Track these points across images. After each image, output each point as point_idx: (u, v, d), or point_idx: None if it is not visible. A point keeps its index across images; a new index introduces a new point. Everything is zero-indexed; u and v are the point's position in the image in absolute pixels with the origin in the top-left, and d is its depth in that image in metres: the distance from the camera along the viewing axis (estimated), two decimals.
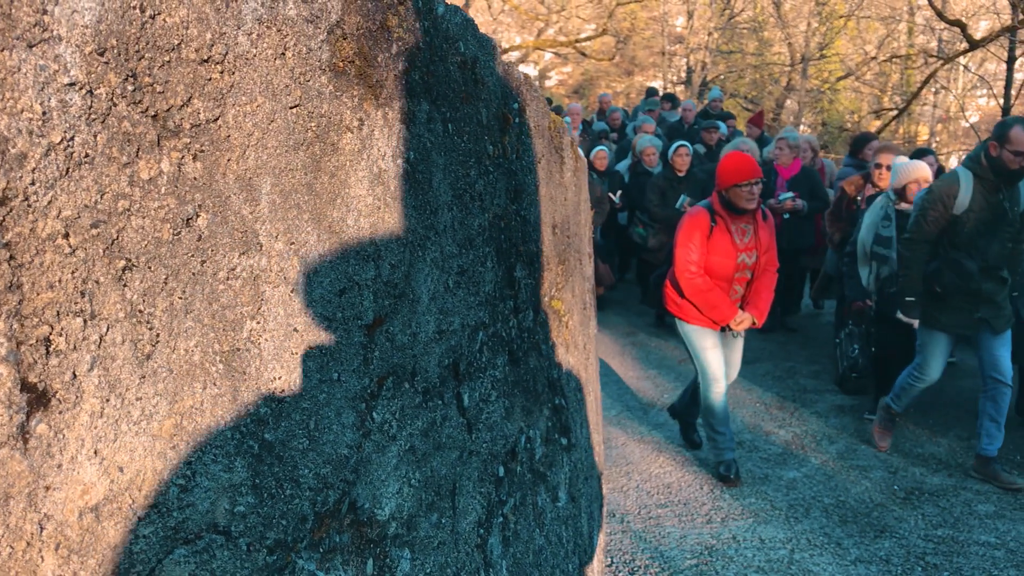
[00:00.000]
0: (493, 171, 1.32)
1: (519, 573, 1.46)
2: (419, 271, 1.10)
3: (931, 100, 23.67)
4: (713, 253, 5.06)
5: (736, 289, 5.22)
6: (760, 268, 5.17)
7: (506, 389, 1.41)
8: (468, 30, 1.24)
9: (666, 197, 8.40)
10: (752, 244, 5.10)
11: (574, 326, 1.92)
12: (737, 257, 5.08)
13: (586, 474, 2.10)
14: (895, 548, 4.72)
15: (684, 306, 5.30)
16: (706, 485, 5.58)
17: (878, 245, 6.10)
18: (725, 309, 5.16)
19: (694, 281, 5.12)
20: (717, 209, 5.04)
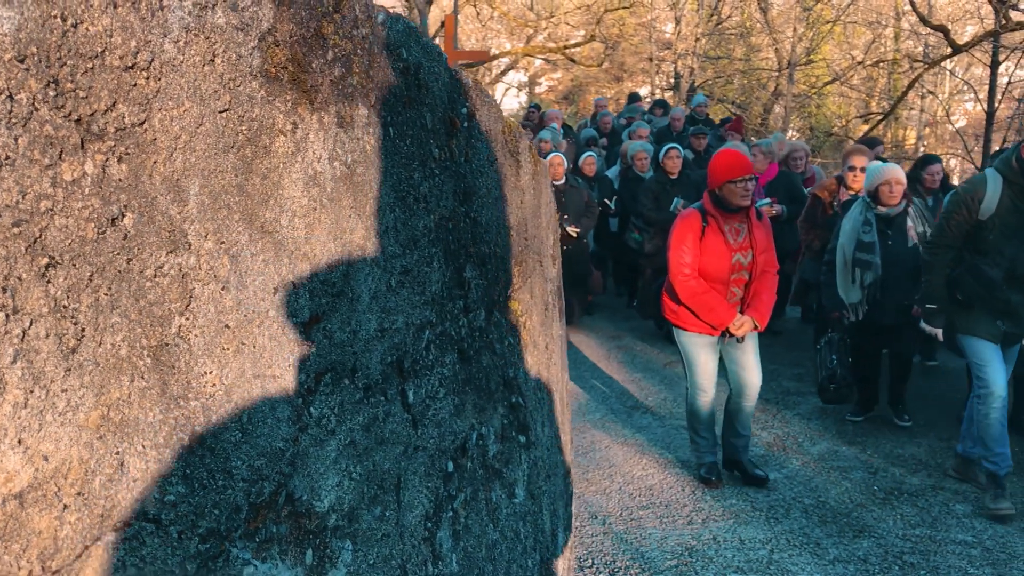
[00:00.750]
0: (439, 174, 1.36)
1: (471, 566, 1.50)
2: (359, 270, 1.14)
3: (918, 104, 23.81)
4: (706, 254, 4.95)
5: (734, 291, 5.09)
6: (758, 269, 5.03)
7: (456, 387, 1.44)
8: (411, 37, 1.28)
9: (660, 201, 8.34)
10: (747, 243, 4.98)
11: (533, 326, 1.95)
12: (731, 257, 4.95)
13: (549, 472, 2.14)
14: (873, 548, 4.76)
15: (681, 313, 5.17)
16: (688, 487, 5.62)
17: (861, 251, 5.99)
18: (722, 312, 5.02)
19: (688, 283, 5.00)
20: (709, 209, 4.95)
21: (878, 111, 18.17)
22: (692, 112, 13.48)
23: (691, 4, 23.01)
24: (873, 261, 5.93)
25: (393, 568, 1.25)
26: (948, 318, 5.16)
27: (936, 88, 24.37)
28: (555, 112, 14.16)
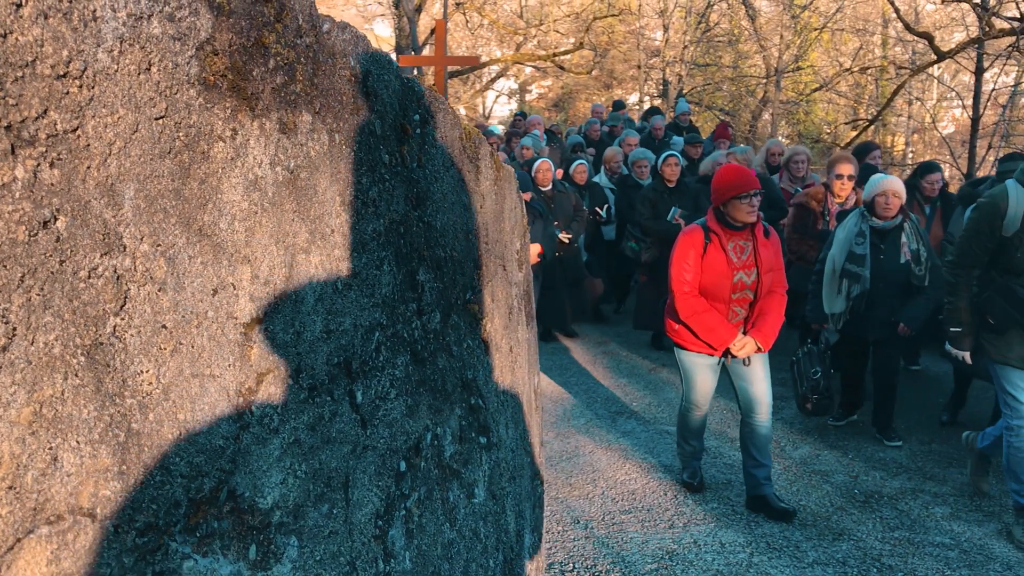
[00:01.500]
0: (390, 179, 1.39)
1: (425, 564, 1.52)
2: (302, 273, 1.17)
3: (906, 111, 23.95)
4: (708, 272, 4.82)
5: (736, 311, 4.93)
6: (763, 288, 4.86)
7: (409, 388, 1.47)
8: (359, 46, 1.31)
9: (657, 209, 8.27)
10: (751, 262, 4.83)
11: (495, 329, 1.98)
12: (733, 276, 4.80)
13: (513, 474, 2.17)
14: (852, 550, 4.80)
15: (681, 331, 5.04)
16: (670, 491, 5.66)
17: (851, 263, 5.90)
18: (723, 332, 4.86)
19: (688, 301, 4.86)
20: (712, 226, 4.81)
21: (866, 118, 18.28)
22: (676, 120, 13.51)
23: (679, 12, 23.13)
24: (862, 274, 5.85)
25: (342, 564, 1.28)
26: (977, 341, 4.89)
27: (924, 95, 24.53)
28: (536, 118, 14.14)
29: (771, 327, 4.93)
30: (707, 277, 4.83)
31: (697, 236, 4.86)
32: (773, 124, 19.05)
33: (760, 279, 4.83)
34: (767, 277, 4.86)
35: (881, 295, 5.87)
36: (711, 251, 4.80)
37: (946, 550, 4.80)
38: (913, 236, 5.86)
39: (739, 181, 4.69)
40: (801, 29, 20.46)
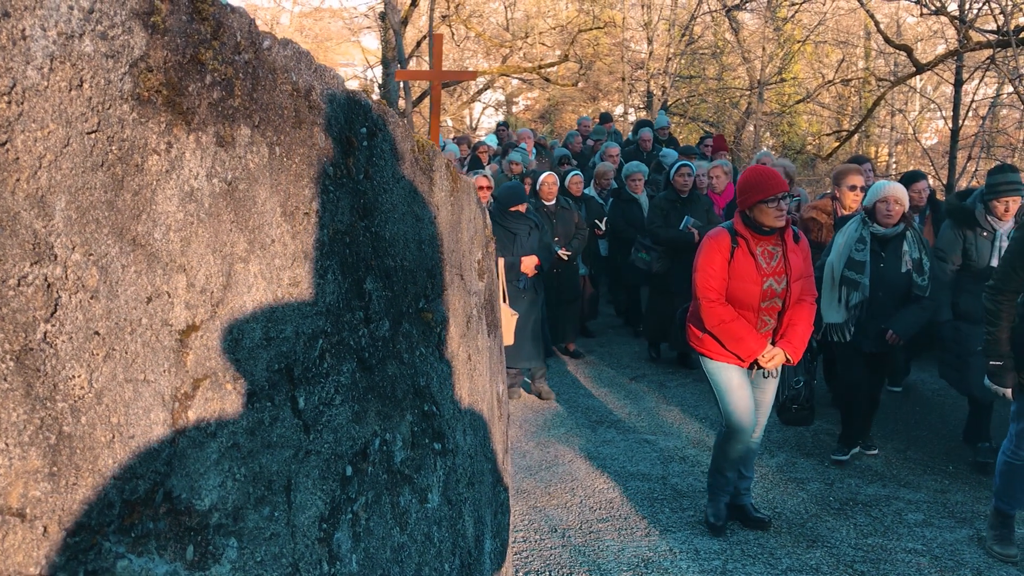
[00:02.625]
0: (334, 190, 1.43)
1: (373, 567, 1.56)
2: (241, 282, 1.21)
3: (889, 122, 24.14)
4: (736, 278, 4.54)
5: (766, 320, 4.67)
6: (793, 297, 4.60)
7: (356, 394, 1.51)
8: (302, 62, 1.35)
9: (669, 219, 8.22)
10: (780, 268, 4.57)
11: (451, 337, 2.02)
12: (763, 283, 4.53)
13: (472, 479, 2.20)
14: (825, 557, 4.85)
15: (707, 340, 4.75)
16: (647, 499, 5.70)
17: (850, 269, 5.73)
18: (751, 342, 4.57)
19: (715, 309, 4.58)
20: (739, 230, 4.55)
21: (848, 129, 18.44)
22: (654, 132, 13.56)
23: (663, 24, 23.30)
24: (861, 281, 5.71)
25: (284, 566, 1.31)
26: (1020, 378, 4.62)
27: (906, 106, 24.75)
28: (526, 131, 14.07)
29: (801, 338, 4.69)
30: (735, 284, 4.57)
31: (724, 240, 4.59)
32: (756, 136, 19.20)
33: (790, 287, 4.59)
34: (797, 285, 4.61)
35: (880, 305, 5.72)
36: (739, 256, 4.55)
37: (918, 556, 4.85)
38: (915, 245, 5.72)
39: (765, 183, 4.43)
40: (784, 41, 20.64)
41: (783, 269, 4.57)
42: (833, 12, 21.69)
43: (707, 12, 21.93)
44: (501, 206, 7.29)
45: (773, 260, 4.57)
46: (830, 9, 19.95)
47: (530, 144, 13.33)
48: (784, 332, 4.67)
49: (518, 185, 7.69)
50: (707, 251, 4.62)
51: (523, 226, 7.36)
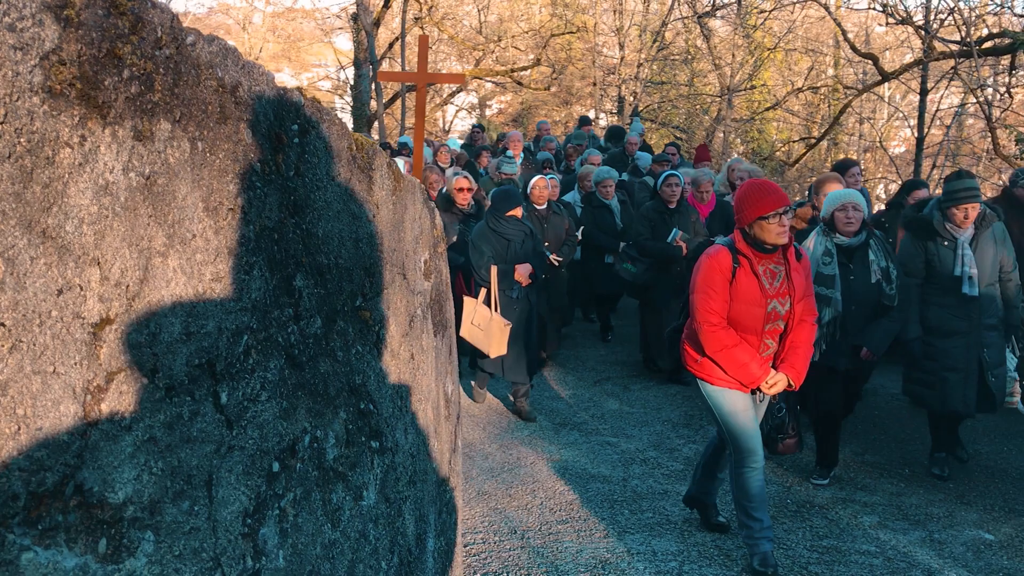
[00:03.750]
0: (262, 186, 1.44)
1: (302, 563, 1.56)
2: (159, 276, 1.21)
3: (857, 130, 24.43)
4: (738, 300, 4.26)
5: (767, 343, 4.41)
6: (795, 318, 4.35)
7: (284, 391, 1.51)
8: (228, 58, 1.36)
9: (656, 230, 8.03)
10: (784, 289, 4.31)
11: (391, 337, 2.03)
12: (767, 304, 4.26)
13: (414, 478, 2.21)
14: (781, 558, 4.90)
15: (706, 364, 4.48)
16: (606, 501, 5.73)
17: (819, 285, 5.43)
18: (755, 368, 4.31)
19: (716, 334, 4.29)
20: (741, 248, 4.27)
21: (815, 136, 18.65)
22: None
23: (635, 30, 23.43)
24: (833, 296, 5.49)
25: (204, 560, 1.32)
26: None
27: (874, 115, 25.06)
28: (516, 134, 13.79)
29: (803, 362, 4.45)
30: (737, 306, 4.28)
31: (724, 259, 4.29)
32: (725, 142, 19.36)
33: (793, 308, 4.34)
34: (799, 306, 4.37)
35: (854, 319, 5.50)
36: (741, 276, 4.26)
37: (871, 558, 4.91)
38: (881, 253, 5.56)
39: (764, 199, 4.15)
40: (754, 49, 20.83)
41: (787, 290, 4.32)
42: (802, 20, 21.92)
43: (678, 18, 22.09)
44: (496, 211, 7.05)
45: (776, 280, 4.32)
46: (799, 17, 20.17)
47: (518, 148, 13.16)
48: (786, 356, 4.44)
49: (513, 189, 7.51)
50: (706, 271, 4.32)
51: (518, 232, 7.12)
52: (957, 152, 22.55)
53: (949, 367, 5.64)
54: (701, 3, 21.50)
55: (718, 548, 5.03)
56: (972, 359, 5.64)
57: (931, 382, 5.76)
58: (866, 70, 22.26)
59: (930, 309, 5.75)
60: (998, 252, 5.68)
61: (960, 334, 5.65)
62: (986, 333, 5.67)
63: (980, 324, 5.65)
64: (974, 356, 5.64)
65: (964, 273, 5.57)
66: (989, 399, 5.74)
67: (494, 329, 6.90)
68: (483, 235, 7.06)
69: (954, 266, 5.62)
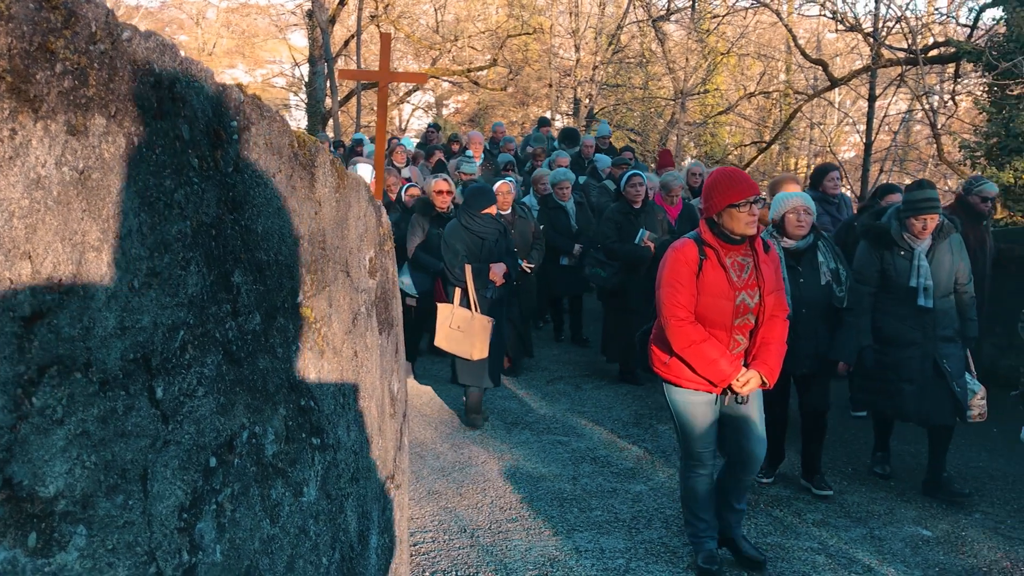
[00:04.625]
0: (199, 182, 1.45)
1: (239, 557, 1.57)
2: (93, 271, 1.21)
3: (808, 135, 24.84)
4: (705, 293, 4.13)
5: (737, 340, 4.26)
6: (766, 312, 4.21)
7: (222, 387, 1.52)
8: (166, 54, 1.36)
9: (623, 232, 7.89)
10: (753, 281, 4.18)
11: (333, 334, 2.04)
12: (735, 297, 4.14)
13: (356, 475, 2.22)
14: (726, 555, 4.97)
15: (673, 365, 4.32)
16: (556, 500, 5.77)
17: None
18: (725, 365, 4.15)
19: (683, 329, 4.14)
20: (707, 239, 4.15)
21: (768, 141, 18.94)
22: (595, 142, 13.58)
23: (591, 32, 23.58)
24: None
25: (139, 555, 1.32)
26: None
27: (825, 120, 25.50)
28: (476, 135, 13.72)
29: (776, 359, 4.29)
30: (705, 300, 4.15)
31: (690, 251, 4.18)
32: (678, 145, 19.58)
33: (763, 301, 4.20)
34: (770, 299, 4.24)
35: (806, 323, 5.38)
36: (707, 269, 4.14)
37: (814, 555, 5.01)
38: (830, 255, 5.49)
39: (736, 185, 4.04)
40: (708, 53, 21.08)
41: (755, 282, 4.20)
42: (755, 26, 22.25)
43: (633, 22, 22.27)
44: (470, 209, 6.90)
45: (744, 272, 4.19)
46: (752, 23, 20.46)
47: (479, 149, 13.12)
48: (757, 352, 4.30)
49: (487, 186, 7.37)
50: (672, 264, 4.21)
51: (492, 231, 6.98)
52: (904, 158, 23.05)
53: (905, 378, 5.60)
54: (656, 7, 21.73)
55: (664, 545, 5.09)
56: (927, 370, 5.56)
57: (887, 391, 5.71)
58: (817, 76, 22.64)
59: (884, 319, 5.70)
60: (954, 264, 5.60)
61: (916, 345, 5.58)
62: (942, 345, 5.59)
63: (935, 336, 5.57)
64: (929, 367, 5.56)
65: (920, 285, 5.51)
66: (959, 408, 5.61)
67: (476, 328, 6.76)
68: (456, 233, 6.90)
69: (910, 277, 5.56)
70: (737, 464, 4.56)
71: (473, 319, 6.76)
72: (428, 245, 7.94)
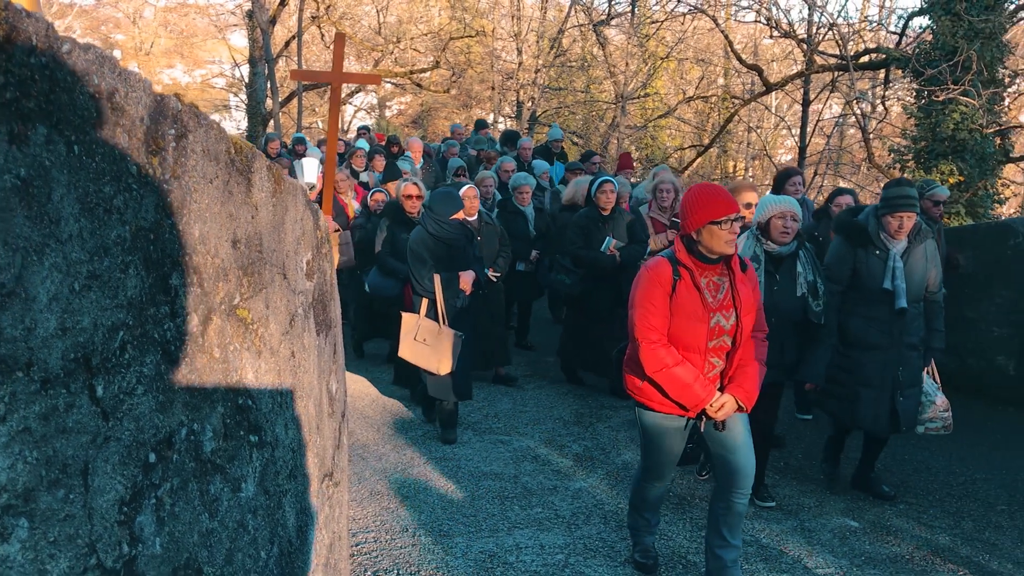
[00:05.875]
0: (138, 188, 1.50)
1: (179, 550, 1.63)
2: (34, 274, 1.27)
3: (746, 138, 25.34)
4: (679, 315, 4.00)
5: (713, 362, 4.12)
6: (743, 334, 4.07)
7: (161, 385, 1.58)
8: (104, 66, 1.42)
9: (591, 238, 7.72)
10: (728, 302, 4.05)
11: (270, 335, 2.11)
12: (710, 319, 4.00)
13: (295, 472, 2.28)
14: (661, 548, 5.12)
15: (647, 388, 4.18)
16: (498, 498, 5.86)
17: None
18: (699, 389, 4.01)
19: (656, 352, 4.00)
20: (682, 259, 4.01)
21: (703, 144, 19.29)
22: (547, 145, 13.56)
23: (533, 35, 23.76)
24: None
25: (80, 546, 1.38)
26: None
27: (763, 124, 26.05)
28: (415, 140, 13.64)
29: (753, 382, 4.15)
30: (678, 321, 4.02)
31: (664, 271, 4.03)
32: (619, 148, 19.87)
33: (740, 323, 4.05)
34: (747, 319, 4.08)
35: (773, 333, 5.01)
36: (681, 289, 4.00)
37: (746, 547, 5.18)
38: (810, 266, 5.30)
39: (717, 202, 3.89)
40: (648, 57, 21.40)
41: (731, 302, 4.06)
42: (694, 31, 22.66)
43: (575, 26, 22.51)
44: (437, 215, 6.59)
45: (720, 292, 4.06)
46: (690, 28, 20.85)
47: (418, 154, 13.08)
48: (734, 376, 4.15)
49: (454, 192, 7.04)
50: (645, 285, 4.06)
51: (460, 237, 6.74)
52: (839, 161, 23.67)
53: (864, 382, 5.49)
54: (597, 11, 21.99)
55: (603, 541, 5.22)
56: (888, 377, 5.46)
57: (844, 395, 5.59)
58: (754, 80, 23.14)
59: (851, 320, 5.55)
60: (927, 270, 5.49)
61: (879, 349, 5.47)
62: (906, 351, 5.50)
63: (901, 342, 5.47)
64: (890, 374, 5.46)
65: (896, 287, 5.36)
66: (896, 420, 5.55)
67: (443, 342, 6.52)
68: (423, 242, 6.62)
69: (884, 278, 5.40)
70: (727, 485, 4.32)
71: (440, 332, 6.54)
72: (397, 250, 7.72)
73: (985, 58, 12.35)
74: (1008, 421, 7.88)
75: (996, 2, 12.50)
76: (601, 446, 6.95)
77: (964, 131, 12.48)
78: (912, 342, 5.52)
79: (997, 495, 6.16)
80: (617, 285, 7.67)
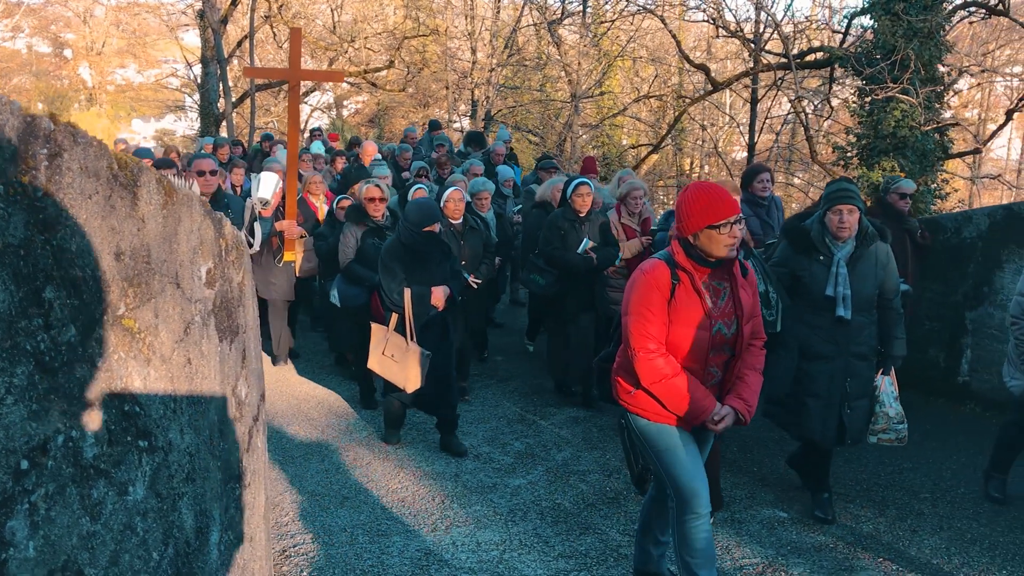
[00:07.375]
0: (5, 207, 1.57)
1: (55, 553, 1.69)
2: None
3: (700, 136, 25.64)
4: (678, 322, 3.71)
5: (712, 372, 3.86)
6: (743, 342, 3.82)
7: (34, 395, 1.64)
8: None
9: (567, 240, 7.61)
10: (729, 308, 3.80)
11: (162, 343, 2.17)
12: (712, 326, 3.72)
13: (192, 476, 2.35)
14: (595, 543, 5.23)
15: (641, 397, 3.87)
16: (438, 497, 5.94)
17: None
18: (700, 401, 3.72)
19: (653, 363, 3.69)
20: (681, 261, 3.72)
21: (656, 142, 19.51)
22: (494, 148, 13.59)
23: (487, 34, 23.84)
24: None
25: None
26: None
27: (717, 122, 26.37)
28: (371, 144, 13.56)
29: (753, 393, 3.90)
30: (678, 329, 3.72)
31: (662, 275, 3.74)
32: (573, 146, 20.03)
33: (740, 331, 3.81)
34: (747, 327, 3.84)
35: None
36: (681, 295, 3.71)
37: None
38: (760, 275, 5.11)
39: (717, 205, 3.64)
40: (602, 56, 21.58)
41: (732, 309, 3.81)
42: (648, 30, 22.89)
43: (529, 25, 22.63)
44: (413, 226, 6.29)
45: (721, 298, 3.81)
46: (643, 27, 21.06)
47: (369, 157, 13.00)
48: (735, 387, 3.91)
49: (431, 202, 6.81)
50: (642, 289, 3.75)
51: (435, 250, 6.51)
52: (791, 158, 24.04)
53: (811, 393, 5.27)
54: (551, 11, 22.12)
55: (538, 536, 5.32)
56: (836, 388, 5.25)
57: (791, 407, 5.40)
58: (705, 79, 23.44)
59: (795, 327, 5.30)
60: (878, 276, 5.18)
61: (824, 359, 5.23)
62: (854, 362, 5.25)
63: (848, 351, 5.22)
64: (838, 385, 5.25)
65: (838, 294, 5.10)
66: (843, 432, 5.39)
67: (411, 360, 6.34)
68: (394, 253, 6.37)
69: (827, 285, 5.14)
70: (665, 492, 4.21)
71: (408, 350, 6.33)
72: (363, 256, 7.50)
73: (923, 57, 12.64)
74: (938, 412, 8.11)
75: (934, 2, 12.79)
76: (543, 443, 7.05)
77: (905, 128, 12.77)
78: (861, 352, 5.25)
79: (922, 483, 6.36)
80: (590, 287, 7.68)
